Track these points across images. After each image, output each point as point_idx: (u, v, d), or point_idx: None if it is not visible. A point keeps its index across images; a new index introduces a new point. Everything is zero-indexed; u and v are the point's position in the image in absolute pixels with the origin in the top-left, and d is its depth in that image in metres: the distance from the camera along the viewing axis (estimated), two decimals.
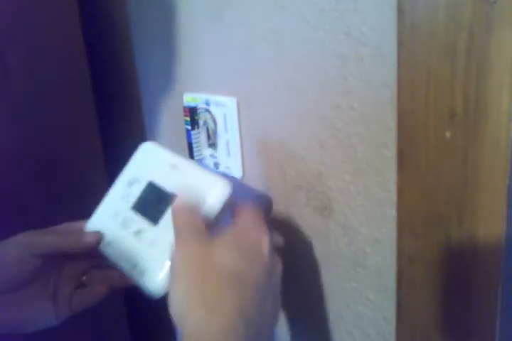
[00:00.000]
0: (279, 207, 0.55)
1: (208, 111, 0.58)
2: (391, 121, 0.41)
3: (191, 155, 0.61)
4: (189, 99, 0.61)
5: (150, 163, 0.48)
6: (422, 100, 0.37)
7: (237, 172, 0.58)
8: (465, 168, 0.36)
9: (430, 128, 0.37)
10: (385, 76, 0.40)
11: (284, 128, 0.51)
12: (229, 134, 0.57)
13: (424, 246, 0.40)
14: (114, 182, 0.50)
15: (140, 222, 0.45)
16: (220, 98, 0.57)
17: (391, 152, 0.42)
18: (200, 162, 0.61)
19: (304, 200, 0.51)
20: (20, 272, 0.46)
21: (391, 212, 0.43)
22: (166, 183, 0.45)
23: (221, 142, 0.58)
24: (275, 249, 0.41)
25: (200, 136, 0.60)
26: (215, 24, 0.56)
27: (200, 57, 0.60)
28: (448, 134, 0.36)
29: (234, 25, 0.53)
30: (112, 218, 0.48)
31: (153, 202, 0.45)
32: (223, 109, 0.56)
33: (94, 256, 0.48)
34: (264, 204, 0.54)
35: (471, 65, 0.34)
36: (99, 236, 0.48)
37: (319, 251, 0.51)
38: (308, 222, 0.52)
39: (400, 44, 0.38)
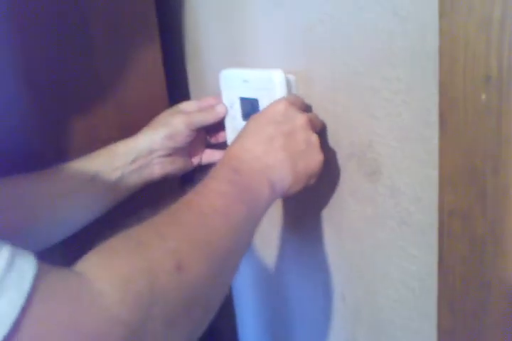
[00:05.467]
0: (333, 175, 0.60)
1: None
2: (434, 89, 0.45)
3: None
4: None
5: (231, 86, 0.67)
6: (460, 67, 0.41)
7: None
8: (499, 126, 0.40)
9: (468, 92, 0.41)
10: (427, 48, 0.45)
11: (338, 102, 0.57)
12: None
13: (462, 199, 0.44)
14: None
15: None
16: None
17: (433, 117, 0.46)
18: None
19: (356, 167, 0.56)
20: (184, 142, 0.68)
21: (433, 173, 0.47)
22: (248, 93, 0.64)
23: None
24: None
25: None
26: (275, 10, 0.62)
27: (262, 40, 0.66)
28: (483, 96, 0.40)
29: (293, 11, 0.59)
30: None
31: (251, 110, 0.64)
32: None
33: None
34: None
35: (504, 32, 0.38)
36: (226, 107, 0.69)
37: (369, 213, 0.56)
38: (359, 187, 0.57)
39: (441, 16, 0.42)
